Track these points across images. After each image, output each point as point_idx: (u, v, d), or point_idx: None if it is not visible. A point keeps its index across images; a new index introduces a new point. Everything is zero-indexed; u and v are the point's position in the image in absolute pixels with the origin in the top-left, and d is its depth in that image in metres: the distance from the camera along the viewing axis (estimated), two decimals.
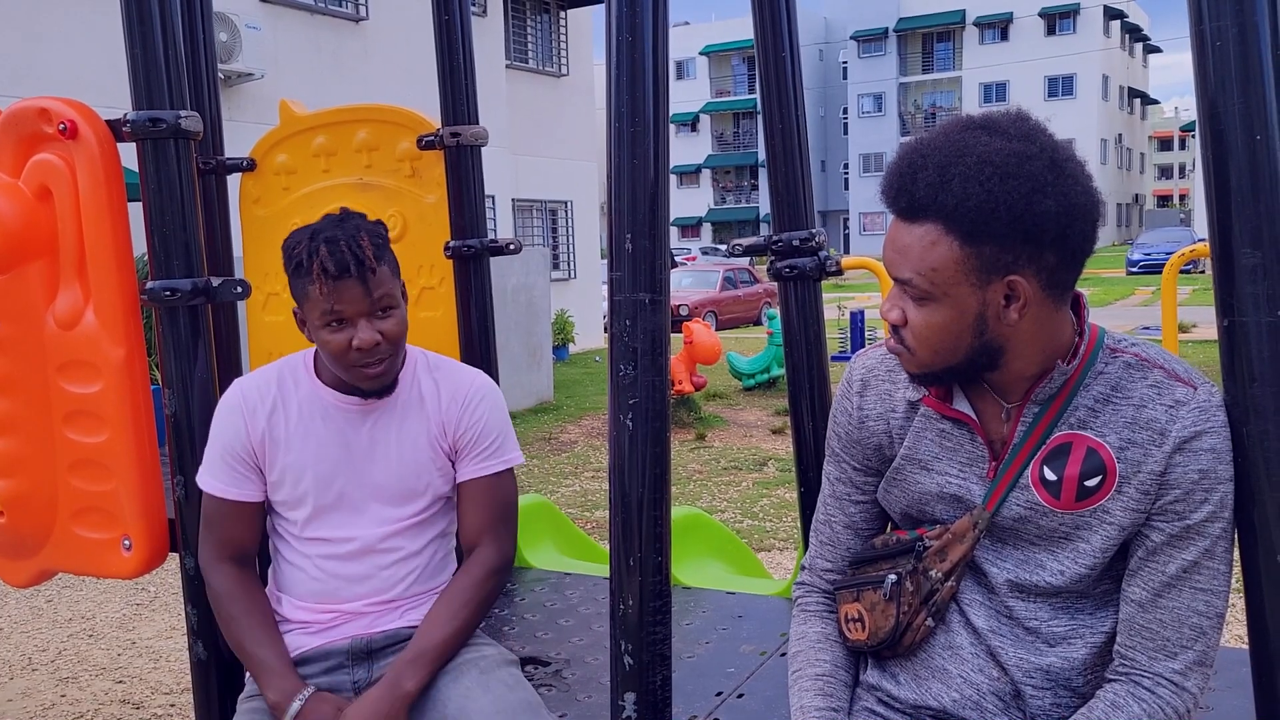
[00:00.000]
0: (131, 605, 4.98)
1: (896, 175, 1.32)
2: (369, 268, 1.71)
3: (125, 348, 2.08)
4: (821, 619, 1.57)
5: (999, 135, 1.27)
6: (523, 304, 10.45)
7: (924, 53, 56.04)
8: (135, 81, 1.99)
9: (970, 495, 1.40)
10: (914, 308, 1.33)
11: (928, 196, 1.26)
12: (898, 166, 1.32)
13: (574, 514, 6.47)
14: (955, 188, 1.24)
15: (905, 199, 1.29)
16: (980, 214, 1.24)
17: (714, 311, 20.13)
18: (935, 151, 1.28)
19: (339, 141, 3.03)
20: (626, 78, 1.67)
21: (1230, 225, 1.28)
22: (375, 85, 11.56)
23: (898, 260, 1.32)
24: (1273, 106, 1.25)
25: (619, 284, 1.69)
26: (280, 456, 1.83)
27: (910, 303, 1.34)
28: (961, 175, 1.24)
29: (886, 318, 1.36)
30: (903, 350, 1.38)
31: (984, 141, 1.26)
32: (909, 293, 1.33)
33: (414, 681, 1.73)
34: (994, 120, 1.31)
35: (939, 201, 1.26)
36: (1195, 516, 1.29)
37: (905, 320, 1.35)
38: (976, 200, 1.23)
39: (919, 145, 1.32)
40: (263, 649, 1.78)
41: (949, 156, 1.27)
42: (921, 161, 1.29)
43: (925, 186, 1.27)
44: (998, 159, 1.24)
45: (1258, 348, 1.27)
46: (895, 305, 1.36)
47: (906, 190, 1.29)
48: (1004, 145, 1.26)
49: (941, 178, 1.26)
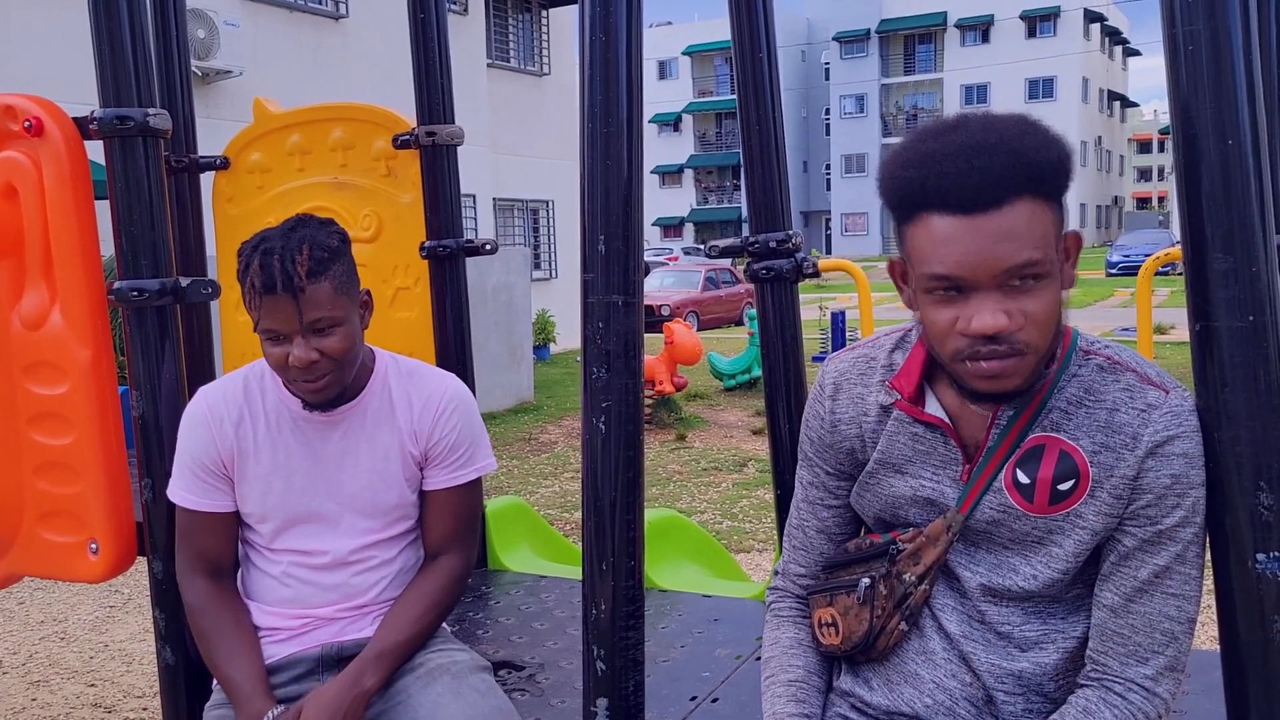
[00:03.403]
0: (104, 608, 4.92)
1: (955, 175, 1.21)
2: (298, 287, 1.63)
3: (92, 349, 2.05)
4: (795, 624, 1.56)
5: (988, 115, 1.27)
6: (503, 303, 10.42)
7: (906, 54, 56.24)
8: (102, 79, 1.96)
9: (944, 498, 1.40)
10: (1029, 297, 1.23)
11: (1010, 174, 1.21)
12: (949, 168, 1.21)
13: (553, 515, 6.45)
14: (1029, 155, 1.21)
15: (985, 188, 1.20)
16: (1056, 170, 1.23)
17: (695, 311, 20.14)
18: (972, 137, 1.22)
19: (314, 140, 3.01)
20: (600, 78, 1.66)
21: (1203, 230, 1.28)
22: (355, 83, 11.50)
23: (1009, 249, 1.20)
24: (1244, 111, 1.25)
25: (592, 286, 1.68)
26: (250, 468, 1.80)
27: (1021, 295, 1.22)
28: (1024, 144, 1.22)
29: (994, 328, 1.21)
30: (1011, 360, 1.24)
31: (992, 117, 1.26)
32: (1030, 274, 1.22)
33: (374, 679, 1.72)
34: (957, 114, 1.30)
35: (1022, 174, 1.21)
36: (1167, 521, 1.29)
37: (1023, 319, 1.23)
38: (1048, 159, 1.22)
39: (940, 144, 1.24)
40: (233, 667, 1.75)
41: (989, 135, 1.22)
42: (969, 150, 1.21)
43: (1003, 167, 1.20)
44: (1026, 121, 1.25)
45: (1229, 352, 1.27)
46: (999, 310, 1.22)
47: (981, 180, 1.20)
48: (1005, 115, 1.26)
49: (1013, 153, 1.21)
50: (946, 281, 1.24)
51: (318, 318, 1.66)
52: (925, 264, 1.25)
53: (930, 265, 1.24)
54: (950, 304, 1.25)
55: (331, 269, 1.68)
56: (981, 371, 1.26)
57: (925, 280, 1.26)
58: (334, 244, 1.71)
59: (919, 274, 1.27)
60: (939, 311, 1.26)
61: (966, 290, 1.23)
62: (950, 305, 1.25)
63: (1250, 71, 1.26)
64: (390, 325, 2.91)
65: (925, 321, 1.30)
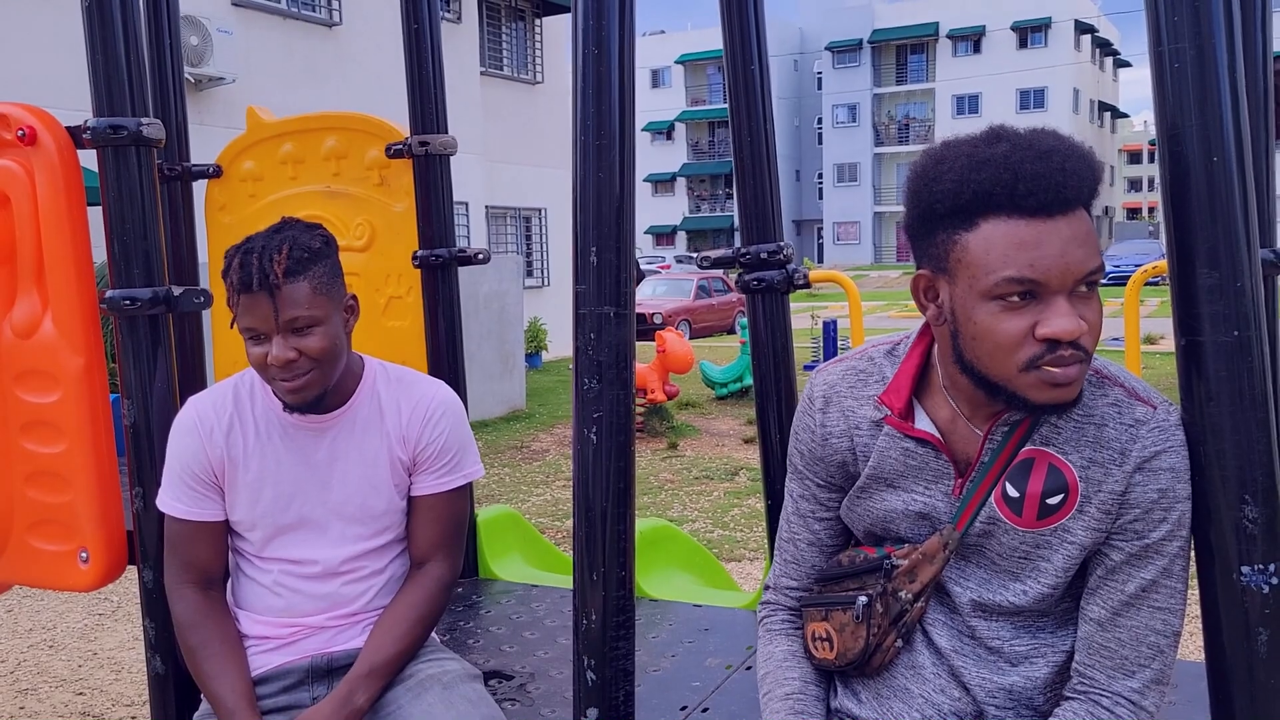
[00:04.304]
0: (93, 615, 4.91)
1: (1048, 174, 1.20)
2: (274, 284, 1.64)
3: (84, 357, 2.05)
4: (787, 637, 1.56)
5: (1033, 128, 1.29)
6: (495, 311, 10.42)
7: (898, 64, 56.43)
8: (96, 88, 1.97)
9: (936, 513, 1.40)
10: (1088, 302, 1.23)
11: (1089, 179, 1.23)
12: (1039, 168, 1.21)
13: (544, 523, 6.45)
14: (1094, 167, 1.24)
15: (1067, 191, 1.21)
16: (1099, 183, 1.26)
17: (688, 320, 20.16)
18: (1048, 141, 1.24)
19: (307, 149, 3.01)
20: (593, 90, 1.67)
21: (1188, 245, 1.29)
22: (348, 91, 11.50)
23: (1088, 253, 1.21)
24: (1229, 128, 1.26)
25: (584, 297, 1.69)
26: (239, 476, 1.80)
27: (1082, 301, 1.22)
28: (1088, 151, 1.25)
29: (1080, 330, 1.21)
30: (1078, 367, 1.23)
31: (1037, 129, 1.28)
32: (1095, 280, 1.22)
33: (365, 696, 1.72)
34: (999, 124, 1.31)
35: (1087, 183, 1.23)
36: (1154, 535, 1.30)
37: (1081, 325, 1.22)
38: (1101, 169, 1.26)
39: (1015, 148, 1.23)
40: (220, 683, 1.74)
41: (1062, 142, 1.24)
42: (1055, 154, 1.22)
43: (1074, 172, 1.22)
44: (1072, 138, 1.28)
45: (1215, 367, 1.28)
46: (1074, 313, 1.21)
47: (1065, 183, 1.21)
48: (1044, 128, 1.28)
49: (1085, 161, 1.23)
50: (1023, 286, 1.21)
51: (295, 316, 1.66)
52: (996, 270, 1.21)
53: (1005, 270, 1.21)
54: (1022, 311, 1.22)
55: (311, 269, 1.69)
56: (1055, 379, 1.23)
57: (997, 286, 1.22)
58: (316, 245, 1.71)
59: (987, 283, 1.22)
60: (1009, 320, 1.23)
61: (1041, 296, 1.22)
62: (1022, 313, 1.22)
63: (1235, 89, 1.28)
64: (382, 334, 2.92)
65: (985, 333, 1.24)
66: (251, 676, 1.78)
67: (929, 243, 1.30)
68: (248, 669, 1.79)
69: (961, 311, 1.27)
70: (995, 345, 1.25)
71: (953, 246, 1.26)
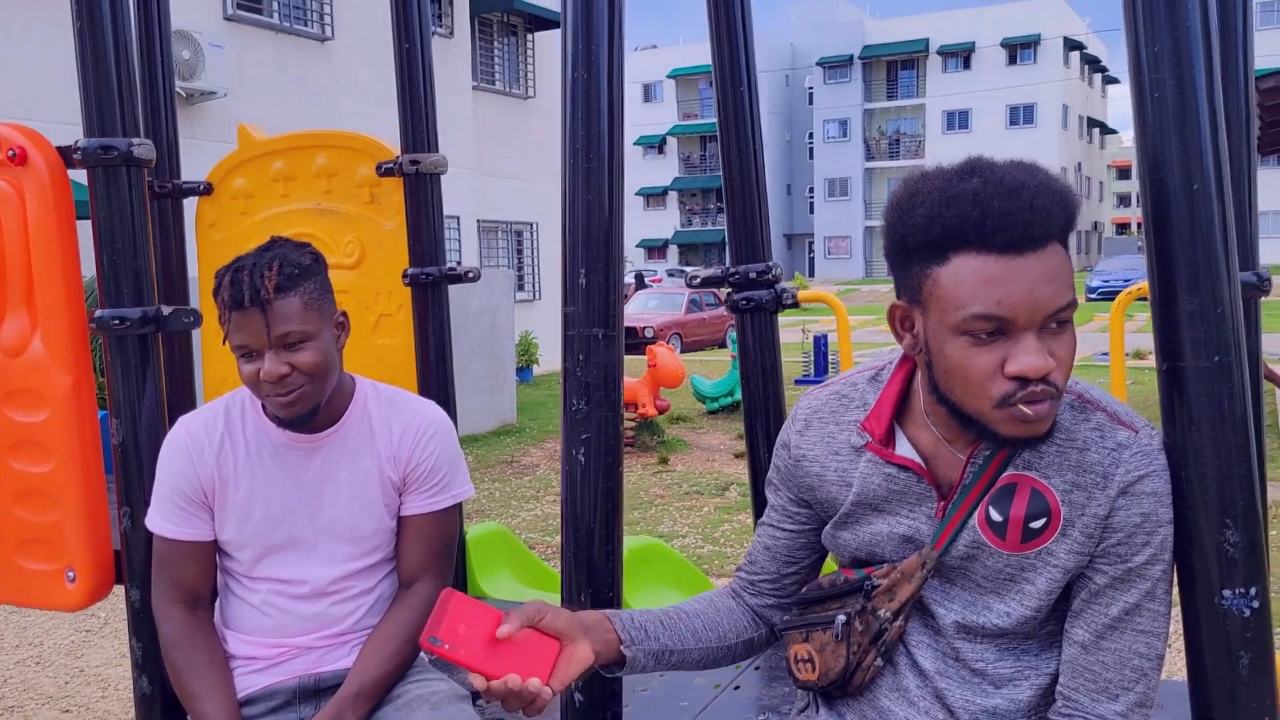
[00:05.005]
0: (81, 632, 4.88)
1: (1016, 211, 1.20)
2: (265, 299, 1.65)
3: (73, 376, 2.05)
4: (720, 592, 1.61)
5: (1014, 161, 1.29)
6: (486, 326, 10.42)
7: (888, 80, 56.73)
8: (87, 108, 1.97)
9: (920, 535, 1.41)
10: (1059, 338, 1.24)
11: (1060, 216, 1.23)
12: (1007, 205, 1.20)
13: (535, 539, 6.44)
14: (1068, 198, 1.24)
15: (1037, 228, 1.21)
16: (1076, 216, 1.26)
17: (679, 334, 20.18)
18: (1019, 176, 1.23)
19: (298, 166, 3.02)
20: (581, 114, 1.68)
21: (1170, 271, 1.31)
22: (340, 105, 11.53)
23: (1057, 290, 1.21)
24: (1209, 156, 1.28)
25: (572, 319, 1.70)
26: (230, 495, 1.80)
27: (1053, 336, 1.23)
28: (1063, 186, 1.25)
29: (1048, 368, 1.22)
30: (1048, 403, 1.24)
31: (1018, 162, 1.28)
32: (1065, 316, 1.23)
33: (353, 717, 1.72)
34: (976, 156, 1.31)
35: (1058, 219, 1.23)
36: (1137, 559, 1.31)
37: (1050, 360, 1.23)
38: (1077, 203, 1.26)
39: (985, 184, 1.23)
40: (206, 704, 1.74)
41: (1035, 176, 1.24)
42: (1024, 190, 1.22)
43: (1042, 209, 1.21)
44: (1041, 166, 1.28)
45: (1196, 392, 1.29)
46: (1042, 351, 1.22)
47: (1033, 220, 1.21)
48: (1025, 161, 1.28)
49: (1056, 197, 1.23)
50: (991, 323, 1.21)
51: (286, 331, 1.68)
52: (965, 305, 1.22)
53: (972, 306, 1.21)
54: (992, 347, 1.22)
55: (302, 285, 1.70)
56: (1026, 416, 1.24)
57: (965, 322, 1.22)
58: (306, 262, 1.73)
59: (955, 318, 1.23)
60: (979, 356, 1.23)
61: (1009, 332, 1.22)
62: (992, 348, 1.23)
63: (1214, 117, 1.30)
64: (372, 352, 2.92)
65: (957, 368, 1.25)
66: (238, 697, 1.78)
67: (905, 273, 1.30)
68: (234, 689, 1.79)
69: (934, 344, 1.28)
70: (967, 380, 1.26)
71: (925, 279, 1.27)
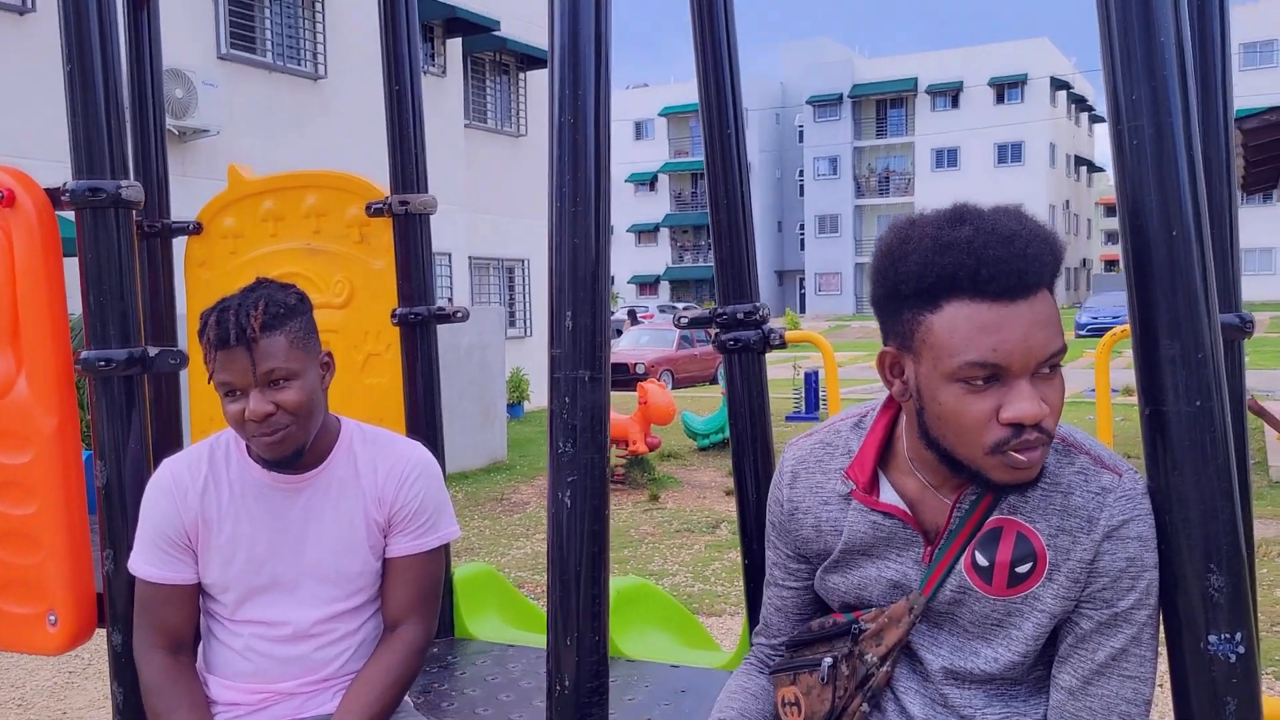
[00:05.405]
0: (63, 673, 4.82)
1: (1009, 259, 1.21)
2: (250, 338, 1.66)
3: (58, 417, 2.04)
4: (748, 674, 1.59)
5: (1002, 207, 1.30)
6: (477, 363, 10.41)
7: (877, 118, 57.25)
8: (76, 150, 1.97)
9: (908, 580, 1.41)
10: (1049, 384, 1.24)
11: (1051, 263, 1.24)
12: (1001, 253, 1.21)
13: (525, 577, 6.39)
14: (1055, 250, 1.25)
15: (1030, 275, 1.22)
16: (1060, 265, 1.27)
17: (671, 370, 20.19)
18: (1010, 224, 1.24)
19: (287, 206, 3.03)
20: (569, 159, 1.69)
21: (1150, 316, 1.31)
22: (332, 143, 11.57)
23: (1050, 336, 1.23)
24: (1188, 203, 1.30)
25: (558, 361, 1.70)
26: (213, 538, 1.79)
27: (1044, 382, 1.24)
28: (1051, 234, 1.26)
29: (1039, 414, 1.22)
30: (1040, 450, 1.25)
31: (1006, 208, 1.29)
32: (1056, 363, 1.24)
33: None
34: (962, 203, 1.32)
35: (1049, 266, 1.24)
36: (1122, 604, 1.30)
37: (1043, 406, 1.23)
38: (1063, 250, 1.27)
39: (978, 232, 1.23)
40: None
41: (1025, 224, 1.25)
42: (1018, 238, 1.23)
43: (1035, 257, 1.22)
44: (1031, 215, 1.29)
45: (1178, 436, 1.30)
46: (1036, 397, 1.22)
47: (1027, 267, 1.22)
48: (1013, 207, 1.30)
49: (1047, 244, 1.24)
50: (986, 370, 1.22)
51: (271, 369, 1.68)
52: (959, 353, 1.22)
53: (967, 353, 1.22)
54: (985, 394, 1.23)
55: (288, 324, 1.71)
56: (1020, 463, 1.24)
57: (959, 369, 1.23)
58: (291, 301, 1.74)
59: (950, 364, 1.23)
60: (973, 402, 1.23)
61: (1003, 379, 1.22)
62: (985, 395, 1.23)
63: (1193, 163, 1.31)
64: (361, 391, 2.91)
65: (950, 414, 1.25)
66: None
67: (895, 320, 1.30)
68: None
69: (927, 391, 1.28)
70: (960, 426, 1.26)
71: (917, 326, 1.27)
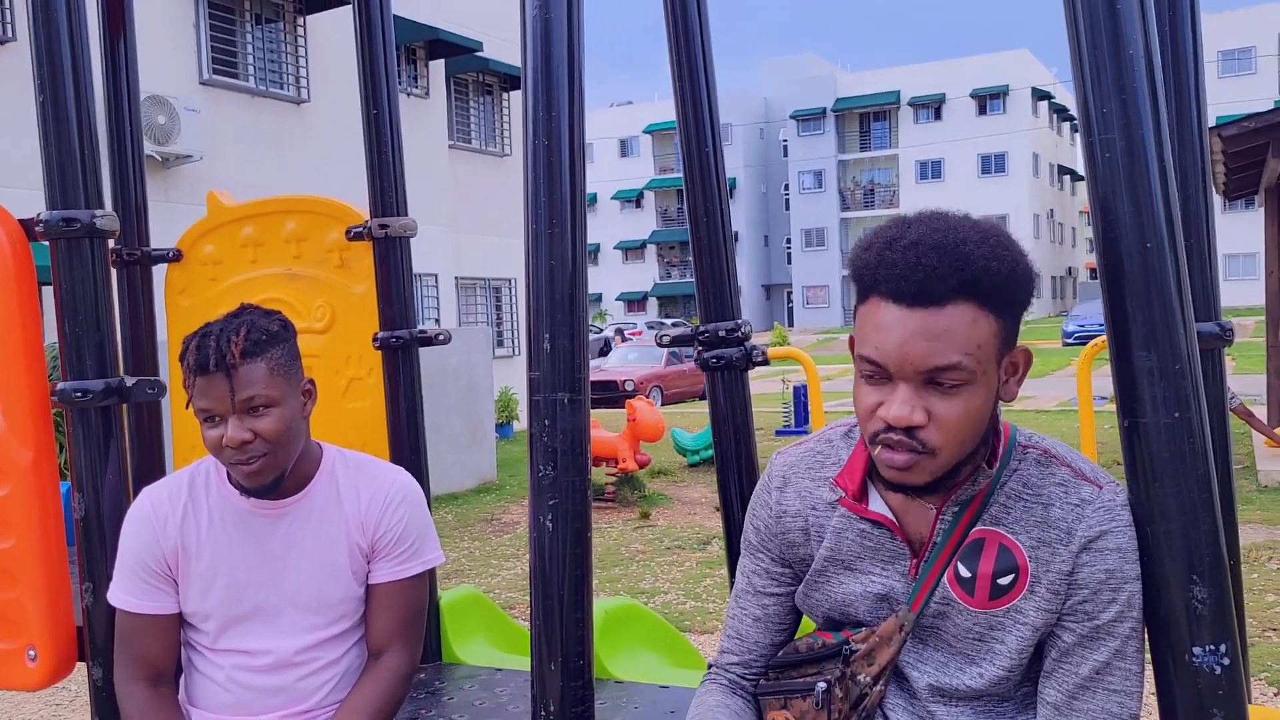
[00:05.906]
0: (50, 705, 4.76)
1: (902, 266, 1.24)
2: (230, 364, 1.65)
3: (34, 450, 2.02)
4: (723, 691, 1.55)
5: (955, 217, 1.30)
6: (464, 383, 10.39)
7: (861, 131, 57.55)
8: (50, 180, 1.97)
9: (894, 594, 1.40)
10: (946, 399, 1.25)
11: (953, 277, 1.23)
12: (897, 257, 1.24)
13: (514, 598, 6.36)
14: (979, 263, 1.23)
15: (928, 285, 1.23)
16: (1005, 284, 1.26)
17: (660, 386, 20.19)
18: (930, 234, 1.25)
19: (267, 232, 3.02)
20: (544, 181, 1.69)
21: (1126, 329, 1.31)
22: (316, 167, 11.56)
23: (935, 349, 1.23)
24: (1160, 215, 1.30)
25: (537, 384, 1.69)
26: (193, 566, 1.78)
27: (938, 395, 1.25)
28: (976, 251, 1.24)
29: (908, 420, 1.25)
30: (919, 456, 1.27)
31: (958, 219, 1.29)
32: (948, 380, 1.24)
33: None
34: (932, 210, 1.33)
35: (967, 278, 1.23)
36: (1104, 616, 1.30)
37: (928, 418, 1.26)
38: (999, 270, 1.25)
39: (901, 233, 1.27)
40: None
41: (947, 236, 1.25)
42: (920, 245, 1.24)
43: (948, 268, 1.22)
44: (989, 230, 1.28)
45: (1158, 448, 1.29)
46: (916, 404, 1.25)
47: (925, 277, 1.23)
48: (974, 221, 1.30)
49: (960, 256, 1.23)
50: (871, 366, 1.28)
51: (251, 396, 1.67)
52: (860, 345, 1.31)
53: (863, 347, 1.30)
54: (876, 387, 1.29)
55: (269, 351, 1.70)
56: (885, 460, 1.30)
57: (858, 359, 1.31)
58: (274, 329, 1.73)
59: (856, 352, 1.32)
60: (866, 393, 1.31)
61: (893, 378, 1.27)
62: (876, 389, 1.30)
63: (1165, 175, 1.31)
64: (343, 416, 2.90)
65: (855, 399, 1.34)
66: None
67: (855, 306, 1.39)
68: None
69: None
70: (857, 411, 1.34)
71: (856, 314, 1.35)
